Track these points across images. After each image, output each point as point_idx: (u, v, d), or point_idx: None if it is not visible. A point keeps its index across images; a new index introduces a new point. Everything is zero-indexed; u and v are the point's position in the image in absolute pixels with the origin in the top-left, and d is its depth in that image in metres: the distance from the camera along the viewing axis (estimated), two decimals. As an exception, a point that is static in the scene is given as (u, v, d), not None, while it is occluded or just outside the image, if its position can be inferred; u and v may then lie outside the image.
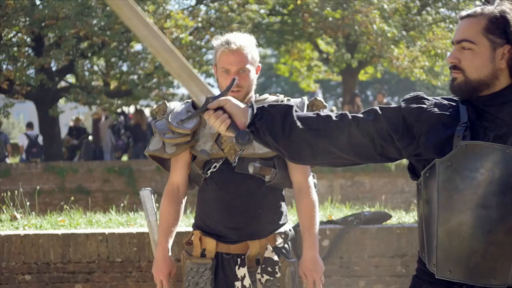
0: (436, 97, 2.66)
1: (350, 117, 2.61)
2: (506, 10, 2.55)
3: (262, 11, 20.54)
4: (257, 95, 3.73)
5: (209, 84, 25.25)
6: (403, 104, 2.63)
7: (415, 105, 2.60)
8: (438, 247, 2.53)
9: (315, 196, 3.68)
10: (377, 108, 2.63)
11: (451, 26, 20.36)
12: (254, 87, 3.65)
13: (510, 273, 2.50)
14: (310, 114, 2.64)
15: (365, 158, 2.65)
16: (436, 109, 2.58)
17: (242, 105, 2.60)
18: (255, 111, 2.59)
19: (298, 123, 2.58)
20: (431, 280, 2.58)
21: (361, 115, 2.62)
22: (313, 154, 2.62)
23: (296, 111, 2.62)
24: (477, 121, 2.53)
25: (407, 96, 2.67)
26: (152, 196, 3.92)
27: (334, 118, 2.61)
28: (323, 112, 2.66)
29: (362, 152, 2.62)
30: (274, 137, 2.58)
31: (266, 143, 2.60)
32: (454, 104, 2.60)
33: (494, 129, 2.51)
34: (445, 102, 2.62)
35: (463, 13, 2.60)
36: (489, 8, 2.56)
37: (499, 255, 2.49)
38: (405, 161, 6.18)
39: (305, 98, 3.74)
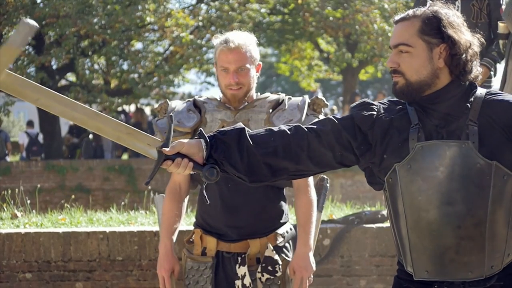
0: (383, 101, 2.68)
1: (306, 129, 2.62)
2: (438, 10, 2.58)
3: (262, 10, 20.53)
4: (258, 93, 3.73)
5: (209, 83, 25.26)
6: (353, 113, 2.65)
7: (365, 113, 2.62)
8: (411, 249, 2.56)
9: (313, 195, 3.68)
10: (332, 117, 2.65)
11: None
12: (254, 85, 3.65)
13: (485, 264, 2.52)
14: (263, 131, 2.63)
15: (324, 167, 2.67)
16: (386, 114, 2.60)
17: (193, 141, 2.56)
18: (208, 140, 2.56)
19: (254, 146, 2.57)
20: (411, 279, 2.61)
21: (317, 126, 2.63)
22: (272, 173, 2.62)
23: (248, 131, 2.60)
24: (428, 120, 2.56)
25: (354, 104, 2.69)
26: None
27: (288, 132, 2.61)
28: (276, 127, 2.65)
29: (321, 162, 2.63)
30: (233, 165, 2.57)
31: (226, 172, 2.59)
32: (401, 106, 2.62)
33: (445, 125, 2.54)
34: (393, 105, 2.64)
35: (397, 17, 2.64)
36: (421, 10, 2.59)
37: (471, 248, 2.51)
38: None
39: (306, 97, 3.74)
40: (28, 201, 6.71)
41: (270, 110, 3.63)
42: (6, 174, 16.97)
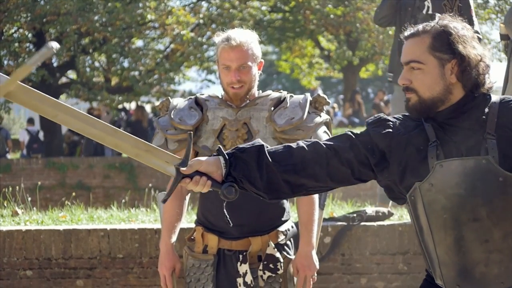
0: (398, 116, 2.66)
1: (324, 146, 2.60)
2: (447, 24, 2.56)
3: (263, 8, 20.53)
4: (260, 91, 3.72)
5: (210, 81, 25.26)
6: (369, 130, 2.62)
7: (382, 130, 2.60)
8: (440, 265, 2.55)
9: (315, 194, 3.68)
10: (349, 133, 2.63)
11: (452, 24, 20.31)
12: (256, 83, 3.64)
13: None
14: (281, 148, 2.63)
15: (342, 183, 2.67)
16: (403, 131, 2.58)
17: (212, 159, 2.57)
18: (227, 158, 2.56)
19: (273, 164, 2.57)
20: None
21: (335, 143, 2.62)
22: (291, 190, 2.62)
23: (266, 147, 2.60)
24: (445, 136, 2.54)
25: (370, 120, 2.66)
26: None
27: (307, 149, 2.60)
28: (294, 144, 2.64)
29: (339, 179, 2.63)
30: (252, 182, 2.57)
31: (245, 189, 2.60)
32: (418, 122, 2.60)
33: (463, 141, 2.52)
34: (409, 120, 2.62)
35: (407, 33, 2.61)
36: (431, 25, 2.57)
37: (501, 260, 2.51)
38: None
39: (308, 95, 3.73)
40: (29, 199, 6.71)
41: (272, 108, 3.63)
42: (7, 171, 16.97)
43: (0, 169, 16.79)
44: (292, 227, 3.72)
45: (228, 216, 2.78)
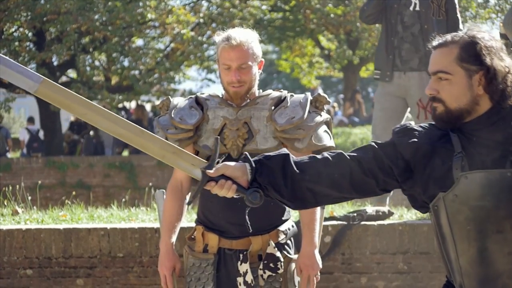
0: (424, 125, 2.65)
1: (348, 157, 2.60)
2: (475, 35, 2.55)
3: (263, 7, 20.52)
4: (261, 90, 3.72)
5: (210, 80, 25.24)
6: (395, 139, 2.62)
7: (407, 140, 2.59)
8: (463, 275, 2.55)
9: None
10: (373, 143, 2.63)
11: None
12: (256, 82, 3.64)
13: None
14: (306, 158, 2.63)
15: (367, 194, 2.67)
16: (428, 141, 2.57)
17: (238, 165, 2.59)
18: (253, 165, 2.58)
19: (298, 173, 2.58)
20: None
21: (358, 154, 2.61)
22: (316, 199, 2.63)
23: (292, 157, 2.61)
24: (471, 148, 2.53)
25: (396, 128, 2.66)
26: (164, 196, 3.92)
27: (331, 160, 2.60)
28: (319, 155, 2.64)
29: (364, 190, 2.63)
30: (277, 190, 2.58)
31: (269, 196, 2.61)
32: (444, 131, 2.59)
33: (489, 153, 2.51)
34: (435, 130, 2.61)
35: (435, 42, 2.61)
36: (459, 35, 2.56)
37: None
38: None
39: (309, 94, 3.73)
40: (29, 198, 6.70)
41: (272, 108, 3.63)
42: (7, 170, 16.97)
43: (0, 168, 16.79)
44: (293, 226, 3.72)
45: (249, 223, 2.80)
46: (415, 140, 2.58)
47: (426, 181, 2.55)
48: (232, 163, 2.59)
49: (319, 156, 2.63)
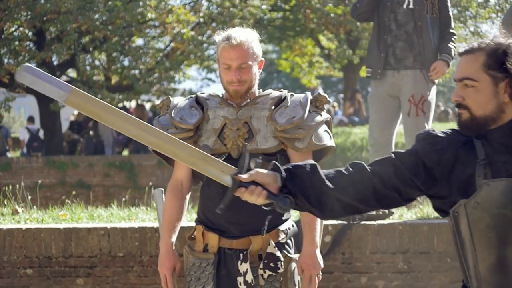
0: (448, 131, 2.64)
1: (370, 172, 2.61)
2: (502, 42, 2.54)
3: (264, 6, 20.50)
4: (261, 90, 3.72)
5: (210, 79, 25.24)
6: (418, 147, 2.62)
7: (430, 147, 2.59)
8: (481, 282, 2.55)
9: (317, 192, 3.67)
10: (393, 156, 2.63)
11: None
12: (257, 82, 3.65)
13: None
14: (333, 171, 2.66)
15: (392, 206, 2.69)
16: (452, 148, 2.57)
17: (269, 172, 2.62)
18: (283, 174, 2.61)
19: (327, 182, 2.60)
20: None
21: (379, 169, 2.62)
22: (343, 209, 2.65)
23: (319, 168, 2.65)
24: (495, 155, 2.53)
25: (419, 135, 2.66)
26: (163, 195, 3.91)
27: (356, 174, 2.62)
28: (342, 168, 2.66)
29: (389, 203, 2.65)
30: (306, 198, 2.60)
31: (298, 204, 2.63)
32: (468, 138, 2.59)
33: None
34: (458, 136, 2.60)
35: (461, 49, 2.61)
36: (485, 42, 2.56)
37: None
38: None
39: (309, 94, 3.73)
40: (29, 197, 6.70)
41: (273, 107, 3.63)
42: (7, 169, 16.98)
43: (0, 168, 16.79)
44: (293, 225, 3.72)
45: (266, 228, 2.83)
46: (439, 147, 2.58)
47: (450, 187, 2.55)
48: (263, 170, 2.62)
49: (344, 170, 2.65)
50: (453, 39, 6.12)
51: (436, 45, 6.06)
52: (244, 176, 2.59)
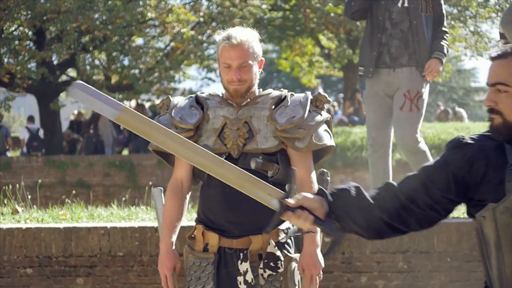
0: (477, 135, 2.63)
1: (404, 198, 2.59)
2: None
3: (264, 6, 20.50)
4: (261, 90, 3.72)
5: (210, 79, 25.23)
6: (448, 157, 2.59)
7: (461, 156, 2.57)
8: (506, 286, 2.54)
9: (317, 192, 3.67)
10: (422, 174, 2.61)
11: (452, 22, 20.33)
12: (257, 81, 3.65)
13: None
14: (374, 193, 2.65)
15: (433, 224, 2.67)
16: (483, 155, 2.55)
17: (316, 197, 2.63)
18: (329, 198, 2.62)
19: (372, 204, 2.60)
20: None
21: (411, 192, 2.60)
22: (391, 230, 2.65)
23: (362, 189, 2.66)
24: None
25: (449, 144, 2.63)
26: (163, 194, 3.91)
27: (395, 196, 2.61)
28: (377, 189, 2.66)
29: (429, 221, 2.64)
30: (353, 220, 2.61)
31: (344, 227, 2.64)
32: (499, 142, 2.57)
33: None
34: (488, 140, 2.59)
35: (493, 54, 2.59)
36: None
37: None
38: (404, 157, 6.18)
39: (309, 93, 3.73)
40: (29, 197, 6.71)
41: (273, 107, 3.63)
42: (7, 169, 16.98)
43: (0, 167, 16.79)
44: (293, 225, 3.72)
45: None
46: (470, 155, 2.56)
47: (483, 193, 2.54)
48: (308, 194, 2.63)
49: (380, 191, 2.65)
50: (445, 37, 6.12)
51: (430, 43, 6.06)
52: (291, 201, 2.61)
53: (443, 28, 6.14)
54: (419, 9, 6.01)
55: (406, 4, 6.03)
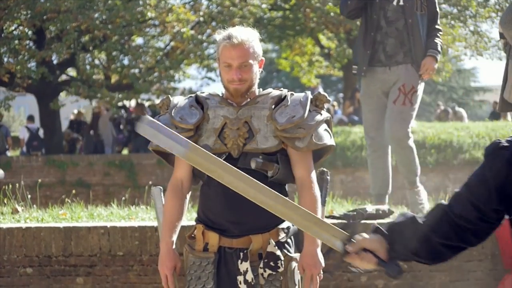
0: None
1: (454, 213, 2.58)
2: None
3: (263, 5, 20.50)
4: (261, 89, 3.73)
5: (210, 78, 25.23)
6: (486, 168, 2.56)
7: (500, 163, 2.52)
8: None
9: (317, 191, 3.67)
10: (465, 190, 2.58)
11: (452, 22, 20.33)
12: (257, 81, 3.65)
13: None
14: (427, 217, 2.65)
15: (490, 233, 2.65)
16: None
17: (374, 237, 2.65)
18: (387, 235, 2.63)
19: (430, 233, 2.60)
20: None
21: (461, 207, 2.57)
22: (452, 252, 2.65)
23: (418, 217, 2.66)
24: None
25: (486, 149, 2.60)
26: (162, 194, 3.91)
27: (447, 216, 2.60)
28: (429, 213, 2.66)
29: (486, 233, 2.62)
30: (414, 253, 2.62)
31: (407, 260, 2.67)
32: None
33: None
34: None
35: None
36: None
37: None
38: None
39: (309, 93, 3.73)
40: (29, 196, 6.71)
41: (273, 107, 3.63)
42: (7, 168, 16.96)
43: (0, 167, 16.79)
44: (293, 225, 3.72)
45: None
46: (508, 157, 2.51)
47: None
48: (369, 236, 2.65)
49: (435, 215, 2.63)
50: (438, 34, 6.12)
51: (425, 41, 6.06)
52: (354, 247, 2.64)
53: (437, 26, 6.14)
54: (414, 7, 6.01)
55: (401, 3, 6.02)
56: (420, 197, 5.93)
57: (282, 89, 3.76)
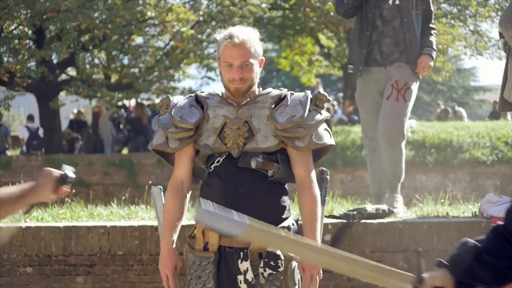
0: None
1: (510, 232, 2.61)
2: None
3: (263, 5, 20.49)
4: (260, 89, 3.73)
5: (210, 78, 25.22)
6: None
7: None
8: None
9: (317, 191, 3.67)
10: (501, 231, 2.63)
11: (452, 21, 20.33)
12: (257, 80, 3.66)
13: None
14: (487, 242, 2.66)
15: None
16: None
17: (440, 273, 2.66)
18: (452, 269, 2.65)
19: (493, 260, 2.61)
20: None
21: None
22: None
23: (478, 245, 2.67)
24: None
25: None
26: (162, 193, 3.91)
27: (504, 238, 2.63)
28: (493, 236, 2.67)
29: None
30: (481, 281, 2.63)
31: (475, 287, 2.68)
32: None
33: None
34: None
35: None
36: None
37: None
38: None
39: (309, 92, 3.74)
40: (29, 196, 6.68)
41: (273, 106, 3.63)
42: (7, 168, 16.97)
43: (0, 166, 16.79)
44: (293, 224, 3.72)
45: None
46: None
47: None
48: (434, 273, 2.67)
49: (494, 238, 2.65)
50: (433, 32, 6.12)
51: (420, 40, 6.06)
52: (425, 285, 2.64)
53: (431, 25, 6.14)
54: (410, 6, 6.00)
55: (397, 2, 6.01)
56: (396, 208, 5.80)
57: (282, 88, 3.76)
